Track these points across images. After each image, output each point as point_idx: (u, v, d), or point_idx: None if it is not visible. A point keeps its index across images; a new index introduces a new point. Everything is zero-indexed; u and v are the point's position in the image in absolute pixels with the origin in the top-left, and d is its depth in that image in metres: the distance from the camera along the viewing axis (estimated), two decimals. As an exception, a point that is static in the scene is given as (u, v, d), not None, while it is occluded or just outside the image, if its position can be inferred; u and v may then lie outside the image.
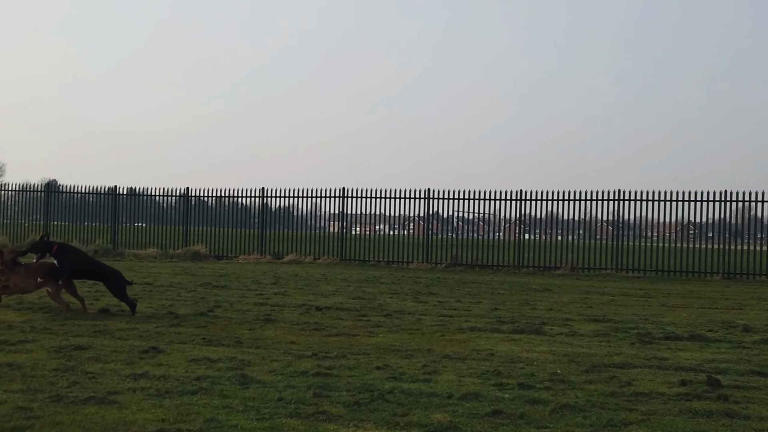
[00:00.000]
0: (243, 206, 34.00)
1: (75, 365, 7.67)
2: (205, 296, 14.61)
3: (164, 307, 12.61)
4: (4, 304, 12.18)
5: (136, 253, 28.87)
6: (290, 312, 12.60)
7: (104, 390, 6.61)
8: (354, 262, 28.55)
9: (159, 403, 6.26)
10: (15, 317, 10.98)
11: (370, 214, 30.50)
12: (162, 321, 11.09)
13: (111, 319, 11.16)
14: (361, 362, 8.35)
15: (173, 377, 7.28)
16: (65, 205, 33.89)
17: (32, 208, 35.04)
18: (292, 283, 18.49)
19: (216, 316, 11.78)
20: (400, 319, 12.11)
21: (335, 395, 6.70)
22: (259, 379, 7.30)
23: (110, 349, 8.68)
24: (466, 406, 6.44)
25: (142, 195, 33.06)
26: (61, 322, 10.59)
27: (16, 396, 6.33)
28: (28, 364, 7.66)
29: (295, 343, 9.53)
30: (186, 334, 10.02)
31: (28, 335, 9.41)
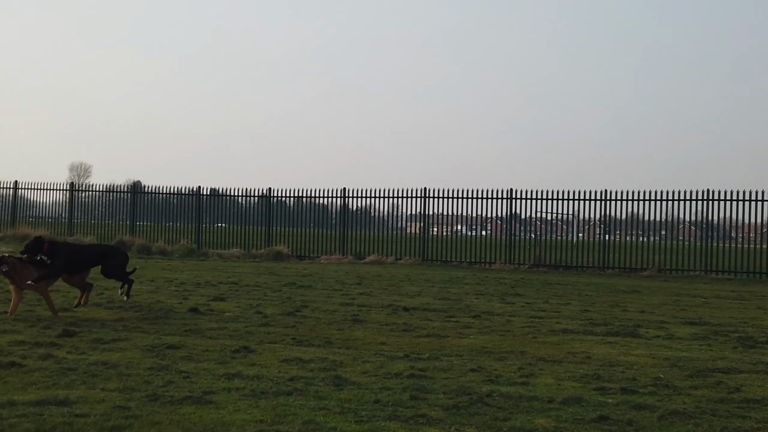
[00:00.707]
0: (323, 206, 34.09)
1: (169, 364, 7.65)
2: (291, 296, 14.59)
3: (252, 307, 12.60)
4: (95, 302, 12.33)
5: (219, 253, 29.12)
6: (377, 312, 12.49)
7: (200, 389, 6.56)
8: (436, 263, 28.36)
9: (255, 403, 6.18)
10: (107, 315, 11.07)
11: (451, 215, 30.21)
12: (250, 320, 11.07)
13: (200, 318, 11.17)
14: (454, 364, 8.18)
15: (267, 377, 7.20)
16: (150, 206, 34.41)
17: (118, 209, 35.66)
18: (376, 284, 18.40)
19: (304, 317, 11.72)
20: (489, 321, 11.90)
21: (432, 398, 6.55)
22: (353, 380, 7.18)
23: (202, 348, 8.66)
24: (569, 410, 6.23)
25: (224, 195, 33.35)
26: (152, 321, 10.64)
27: (113, 395, 6.31)
28: (122, 362, 7.67)
29: (385, 344, 9.40)
30: (275, 334, 9.97)
31: (121, 334, 9.45)
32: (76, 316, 10.89)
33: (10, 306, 10.79)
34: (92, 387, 6.58)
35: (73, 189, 35.16)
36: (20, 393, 6.26)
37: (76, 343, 8.71)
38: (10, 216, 34.39)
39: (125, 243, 29.37)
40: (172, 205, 34.39)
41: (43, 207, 35.68)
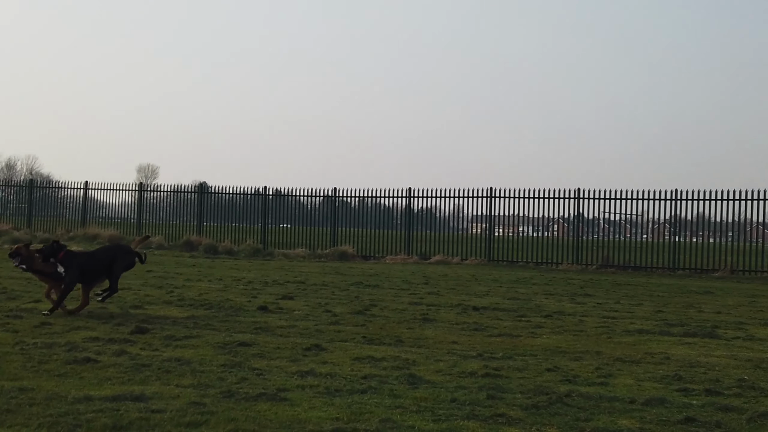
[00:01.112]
0: (386, 207, 34.06)
1: (241, 361, 7.62)
2: (359, 295, 14.53)
3: (320, 306, 12.56)
4: (166, 300, 12.41)
5: (285, 253, 29.25)
6: (447, 312, 12.36)
7: (274, 387, 6.50)
8: (501, 263, 28.11)
9: (330, 401, 6.10)
10: (178, 313, 11.11)
11: (517, 215, 29.90)
12: (320, 319, 11.02)
13: (270, 316, 11.16)
14: (529, 364, 8.01)
15: (340, 375, 7.12)
16: (216, 206, 34.71)
17: (184, 209, 36.04)
18: (442, 283, 18.26)
19: (373, 315, 11.64)
20: (561, 321, 11.70)
21: (510, 397, 6.40)
22: (428, 379, 7.07)
23: (273, 346, 8.62)
24: (652, 411, 6.04)
25: (289, 196, 33.48)
26: (222, 319, 10.65)
27: (188, 391, 6.28)
28: (195, 359, 7.65)
29: (457, 343, 9.27)
30: (346, 332, 9.90)
31: (192, 331, 9.47)
32: (147, 313, 10.95)
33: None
34: (167, 383, 6.57)
35: (142, 189, 35.64)
36: (96, 388, 6.26)
37: (149, 339, 8.74)
38: (80, 216, 34.98)
39: (193, 243, 29.68)
40: (238, 205, 34.64)
41: (111, 207, 36.27)
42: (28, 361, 7.29)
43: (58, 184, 38.28)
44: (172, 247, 30.03)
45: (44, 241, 29.02)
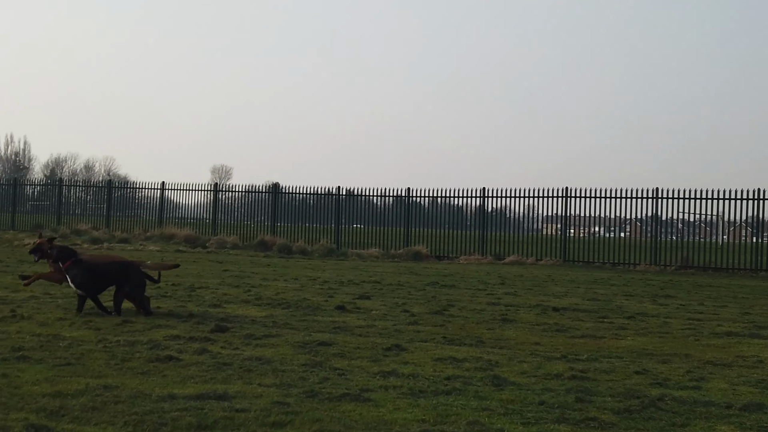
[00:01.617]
0: (458, 207, 33.86)
1: (322, 361, 7.54)
2: (436, 295, 14.38)
3: (398, 305, 12.46)
4: (244, 299, 12.44)
5: (358, 253, 29.24)
6: (526, 312, 12.15)
7: (357, 387, 6.40)
8: (577, 264, 27.69)
9: (414, 402, 5.98)
10: (256, 312, 11.10)
11: (593, 215, 29.42)
12: (398, 319, 10.91)
13: (348, 315, 11.08)
14: (616, 366, 7.79)
15: (422, 376, 7.00)
16: (289, 206, 34.88)
17: (258, 209, 36.30)
18: (519, 284, 18.02)
19: (452, 315, 11.50)
20: (644, 322, 11.40)
21: (599, 400, 6.20)
22: (513, 380, 6.90)
23: (353, 345, 8.53)
24: (751, 417, 5.79)
25: (361, 195, 33.46)
26: (300, 318, 10.60)
27: (271, 390, 6.22)
28: (276, 358, 7.60)
29: (539, 345, 9.07)
30: (425, 332, 9.77)
31: (272, 330, 9.43)
32: (226, 312, 10.96)
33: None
34: (249, 382, 6.52)
35: (217, 190, 35.99)
36: (179, 386, 6.24)
37: (229, 338, 8.72)
38: (157, 216, 35.48)
39: (267, 242, 29.86)
40: (311, 205, 34.76)
41: (187, 207, 36.70)
42: (111, 358, 7.32)
43: (135, 184, 38.90)
44: (247, 247, 30.23)
45: (122, 241, 29.52)
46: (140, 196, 38.09)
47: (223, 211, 35.90)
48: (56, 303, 11.18)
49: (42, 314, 9.99)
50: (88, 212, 40.63)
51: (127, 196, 38.29)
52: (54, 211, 38.20)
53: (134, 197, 38.46)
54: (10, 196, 38.59)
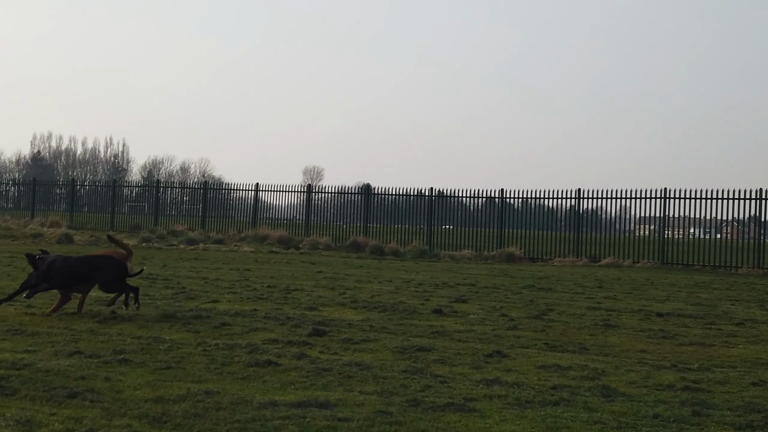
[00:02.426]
0: (550, 208, 33.33)
1: (423, 367, 7.37)
2: (534, 299, 14.07)
3: (495, 309, 12.21)
4: (340, 302, 12.35)
5: (451, 255, 29.00)
6: (628, 317, 11.78)
7: (460, 396, 6.21)
8: (676, 267, 26.94)
9: (521, 413, 5.75)
10: (352, 315, 10.99)
11: (693, 216, 28.57)
12: (497, 323, 10.67)
13: (445, 319, 10.89)
14: (730, 377, 7.42)
15: (527, 385, 6.76)
16: (380, 207, 34.82)
17: (349, 210, 36.36)
18: (617, 287, 17.56)
19: (551, 320, 11.20)
20: (755, 329, 10.93)
21: (718, 414, 5.88)
22: (622, 391, 6.61)
23: (453, 351, 8.34)
24: None
25: (452, 197, 33.18)
26: (397, 322, 10.44)
27: (372, 398, 6.07)
28: (375, 364, 7.45)
29: (646, 352, 8.74)
30: (525, 338, 9.52)
31: (369, 334, 9.29)
32: (323, 315, 10.87)
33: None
34: (350, 389, 6.38)
35: (310, 191, 36.15)
36: (280, 393, 6.14)
37: (327, 342, 8.62)
38: (251, 217, 35.83)
39: (359, 244, 29.83)
40: (402, 206, 34.63)
41: (280, 208, 36.95)
42: (211, 362, 7.27)
43: (229, 185, 39.36)
44: (339, 248, 30.27)
45: (217, 242, 29.86)
46: (234, 197, 38.55)
47: (315, 212, 36.02)
48: (155, 304, 11.25)
49: (141, 316, 10.05)
50: (183, 213, 41.33)
51: (222, 197, 38.76)
52: (151, 212, 38.92)
53: (229, 198, 38.93)
54: (110, 197, 39.44)
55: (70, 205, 40.19)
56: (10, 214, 40.45)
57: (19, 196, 45.81)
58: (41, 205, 41.66)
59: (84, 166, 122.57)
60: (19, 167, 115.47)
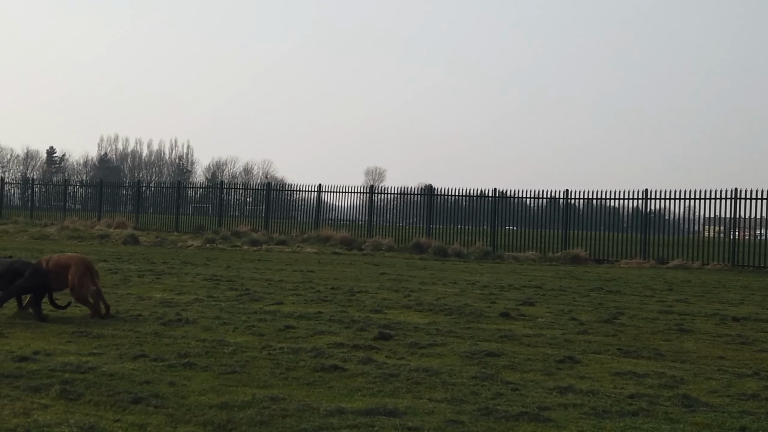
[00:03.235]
0: (614, 209, 32.70)
1: (493, 374, 7.14)
2: (602, 302, 13.72)
3: (564, 313, 11.91)
4: (405, 304, 12.17)
5: (515, 256, 28.62)
6: (703, 322, 11.39)
7: (533, 404, 5.98)
8: (747, 269, 26.21)
9: (599, 423, 5.51)
10: (418, 318, 10.79)
11: (764, 217, 27.76)
12: (566, 327, 10.38)
13: (513, 323, 10.63)
14: (818, 386, 7.06)
15: (602, 393, 6.50)
16: (443, 208, 34.55)
17: (412, 211, 36.15)
18: (688, 290, 17.07)
19: (623, 324, 10.87)
20: (838, 335, 10.48)
21: (809, 427, 5.57)
22: (704, 401, 6.32)
23: (523, 356, 8.10)
24: None
25: (514, 197, 32.74)
26: (464, 326, 10.21)
27: (442, 406, 5.87)
28: (444, 369, 7.25)
29: (725, 359, 8.40)
30: (597, 342, 9.22)
31: (436, 338, 9.09)
32: (388, 318, 10.69)
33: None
34: (418, 396, 6.19)
35: (373, 192, 36.03)
36: (347, 400, 5.97)
37: (393, 346, 8.43)
38: (314, 218, 35.82)
39: (422, 245, 29.60)
40: (464, 207, 34.30)
41: (342, 209, 36.89)
42: (276, 367, 7.13)
43: (292, 187, 39.43)
44: (402, 249, 30.06)
45: (280, 243, 29.89)
46: (297, 198, 38.58)
47: (377, 213, 35.86)
48: (219, 306, 11.18)
49: (206, 318, 9.97)
50: (246, 214, 41.52)
51: (285, 198, 38.86)
52: (215, 213, 39.16)
53: (291, 199, 38.99)
54: (174, 198, 39.78)
55: (135, 207, 40.62)
56: (77, 215, 40.99)
57: (87, 197, 46.39)
58: (108, 207, 42.16)
59: (149, 167, 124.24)
60: (87, 169, 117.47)
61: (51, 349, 7.56)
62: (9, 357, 7.05)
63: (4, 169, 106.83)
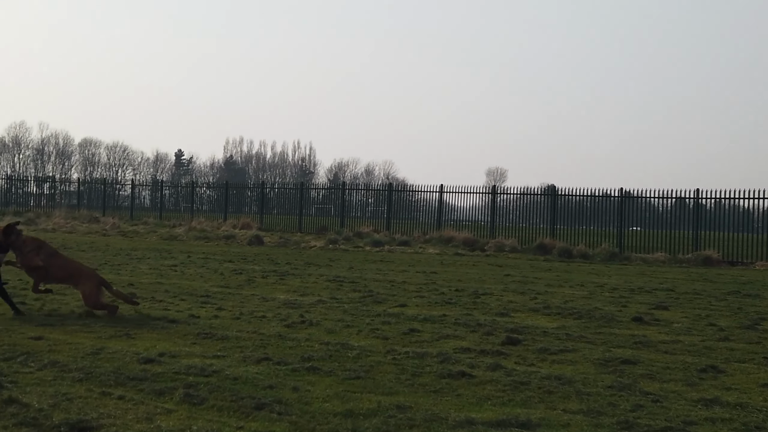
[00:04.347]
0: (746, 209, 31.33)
1: (630, 383, 6.73)
2: (742, 306, 13.02)
3: (701, 318, 11.32)
4: (531, 307, 11.78)
5: (642, 258, 27.70)
6: None
7: (677, 419, 5.57)
8: None
9: (752, 441, 5.07)
10: (546, 322, 10.40)
11: None
12: (705, 333, 9.82)
13: (647, 328, 10.12)
14: None
15: (752, 407, 6.03)
16: (567, 209, 33.81)
17: (534, 212, 35.54)
18: (833, 294, 16.09)
19: (766, 330, 10.23)
20: None
21: None
22: None
23: (661, 365, 7.64)
24: None
25: (642, 197, 31.72)
26: (595, 330, 9.78)
27: (578, 418, 5.53)
28: (577, 378, 6.89)
29: None
30: (740, 350, 8.67)
31: (566, 344, 8.70)
32: (515, 321, 10.33)
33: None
34: (552, 407, 5.85)
35: (495, 192, 35.57)
36: (476, 409, 5.69)
37: (522, 352, 8.10)
38: (435, 218, 35.59)
39: (546, 246, 29.00)
40: (589, 207, 33.47)
41: (463, 210, 36.53)
42: (401, 372, 6.90)
43: (413, 187, 39.30)
44: (525, 251, 29.50)
45: (402, 244, 29.76)
46: (418, 198, 38.42)
47: (499, 213, 35.35)
48: (343, 308, 11.05)
49: (329, 320, 9.84)
50: (368, 215, 41.60)
51: (406, 198, 38.73)
52: (337, 213, 39.37)
53: (412, 200, 38.85)
54: (297, 199, 40.16)
55: (260, 208, 41.18)
56: (204, 216, 41.82)
57: (213, 199, 47.35)
58: (233, 208, 42.90)
59: (273, 169, 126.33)
60: (213, 171, 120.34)
61: (176, 350, 7.52)
62: (135, 358, 7.03)
63: (135, 171, 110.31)
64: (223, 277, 15.22)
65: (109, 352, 7.32)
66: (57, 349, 7.40)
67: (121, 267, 16.52)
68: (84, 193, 48.45)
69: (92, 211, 42.17)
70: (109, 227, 34.51)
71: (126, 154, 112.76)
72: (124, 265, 16.91)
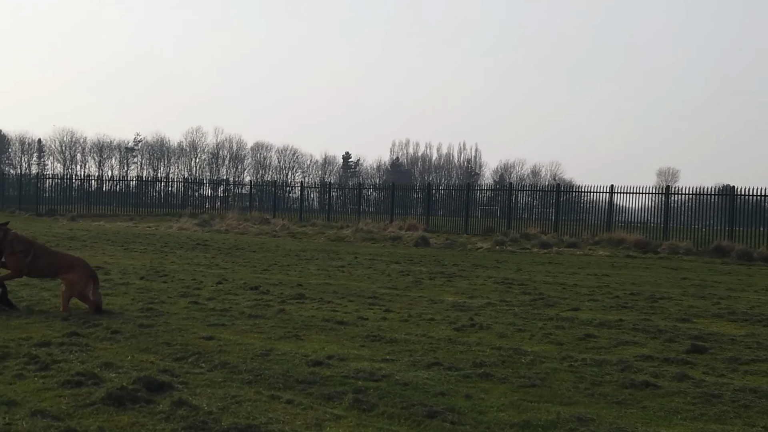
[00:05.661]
0: None
1: None
2: None
3: None
4: (715, 313, 11.08)
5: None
6: None
7: None
8: None
9: None
10: (733, 329, 9.71)
11: None
12: None
13: None
14: None
15: None
16: (745, 209, 32.13)
17: (709, 213, 33.98)
18: None
19: None
20: None
21: None
22: None
23: None
24: None
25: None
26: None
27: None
28: None
29: None
30: None
31: (758, 353, 8.06)
32: (698, 327, 9.69)
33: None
34: (749, 423, 5.35)
35: (669, 192, 34.24)
36: (665, 424, 5.26)
37: (709, 361, 7.54)
38: (605, 219, 34.57)
39: (724, 248, 27.60)
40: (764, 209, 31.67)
41: (633, 211, 35.33)
42: (579, 381, 6.51)
43: (581, 188, 38.34)
44: (700, 253, 28.17)
45: (570, 246, 29.03)
46: (586, 200, 37.45)
47: (672, 214, 33.94)
48: (513, 311, 10.69)
49: (500, 324, 9.51)
50: (535, 216, 40.88)
51: (574, 200, 37.80)
52: (503, 215, 38.85)
53: (580, 201, 37.89)
54: (463, 201, 39.89)
55: (426, 209, 41.12)
56: (371, 217, 42.11)
57: (379, 200, 47.66)
58: (399, 209, 43.02)
59: (438, 171, 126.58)
60: (380, 173, 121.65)
61: (344, 353, 7.38)
62: (304, 361, 6.92)
63: (304, 174, 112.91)
64: (390, 278, 15.10)
65: (278, 353, 7.25)
66: (227, 349, 7.38)
67: (290, 268, 16.69)
68: (255, 195, 49.75)
69: (263, 212, 43.15)
70: (279, 228, 35.20)
71: (295, 157, 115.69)
72: (293, 266, 17.08)
